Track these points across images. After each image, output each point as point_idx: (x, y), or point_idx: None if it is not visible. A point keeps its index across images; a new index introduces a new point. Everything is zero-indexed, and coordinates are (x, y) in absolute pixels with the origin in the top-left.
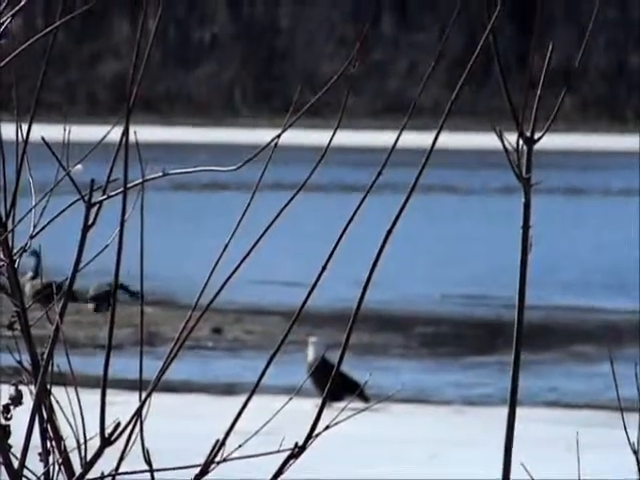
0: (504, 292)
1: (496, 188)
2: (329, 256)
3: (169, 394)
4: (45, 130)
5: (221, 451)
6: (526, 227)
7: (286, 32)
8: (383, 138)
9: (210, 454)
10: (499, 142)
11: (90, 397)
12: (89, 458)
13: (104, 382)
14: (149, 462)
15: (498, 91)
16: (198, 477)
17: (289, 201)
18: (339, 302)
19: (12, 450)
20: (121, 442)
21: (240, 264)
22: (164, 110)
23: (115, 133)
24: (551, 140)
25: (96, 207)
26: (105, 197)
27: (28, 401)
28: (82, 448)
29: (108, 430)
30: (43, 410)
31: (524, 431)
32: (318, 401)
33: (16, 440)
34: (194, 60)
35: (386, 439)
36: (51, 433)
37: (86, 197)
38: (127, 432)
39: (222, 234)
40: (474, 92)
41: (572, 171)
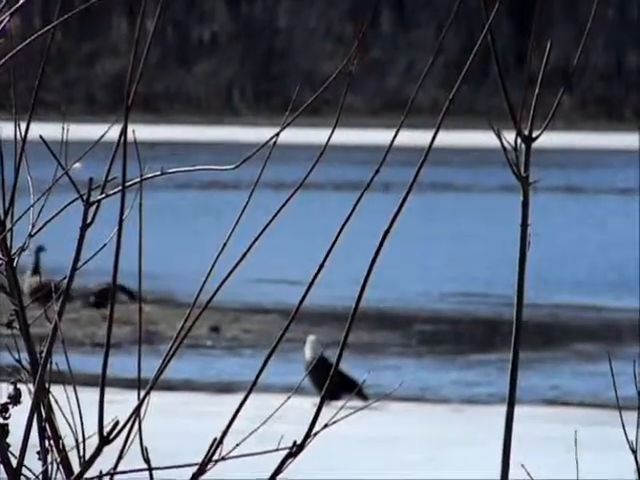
0: (503, 290)
1: (495, 186)
2: (327, 254)
3: (167, 393)
4: (43, 129)
5: (219, 450)
6: (524, 225)
7: (285, 31)
8: (381, 136)
9: (208, 453)
10: (497, 140)
11: (88, 396)
12: (88, 457)
13: (102, 381)
14: (147, 461)
15: (496, 90)
16: (196, 476)
17: (287, 199)
18: (337, 300)
19: (10, 449)
20: (119, 441)
21: (238, 263)
22: (163, 109)
23: (114, 132)
24: (549, 139)
25: (95, 206)
26: (104, 196)
27: (27, 400)
28: (81, 447)
29: (106, 429)
30: (42, 409)
31: (523, 430)
32: (316, 400)
33: (14, 439)
34: (193, 59)
35: (385, 438)
36: (50, 432)
37: (85, 196)
38: (125, 431)
39: (221, 233)
40: (472, 91)
41: (570, 170)
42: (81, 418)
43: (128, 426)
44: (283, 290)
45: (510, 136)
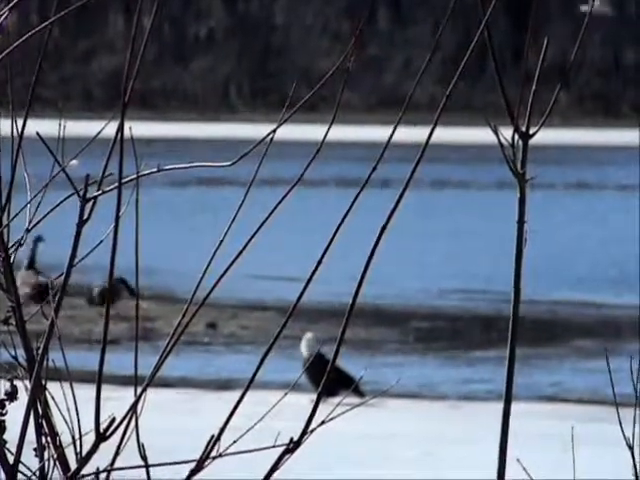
0: (501, 287)
1: (492, 183)
2: (324, 251)
3: (164, 389)
4: (40, 125)
5: (216, 446)
6: (521, 222)
7: (281, 27)
8: (378, 133)
9: (205, 449)
10: (495, 137)
11: (85, 392)
12: (84, 453)
13: (99, 377)
14: (144, 457)
15: (493, 86)
16: (193, 472)
17: (284, 196)
18: (335, 297)
19: (7, 445)
20: (116, 437)
21: (235, 259)
22: (160, 105)
23: (110, 128)
24: (546, 135)
25: (91, 202)
26: (100, 192)
27: (23, 396)
28: (77, 443)
29: (103, 425)
30: (38, 405)
31: (520, 426)
32: (313, 396)
33: (11, 436)
34: (190, 55)
35: (382, 434)
36: (46, 428)
37: (81, 192)
38: (122, 427)
39: (218, 229)
40: (469, 87)
41: (567, 166)
42: (78, 415)
43: (125, 423)
44: (280, 287)
45: (507, 132)
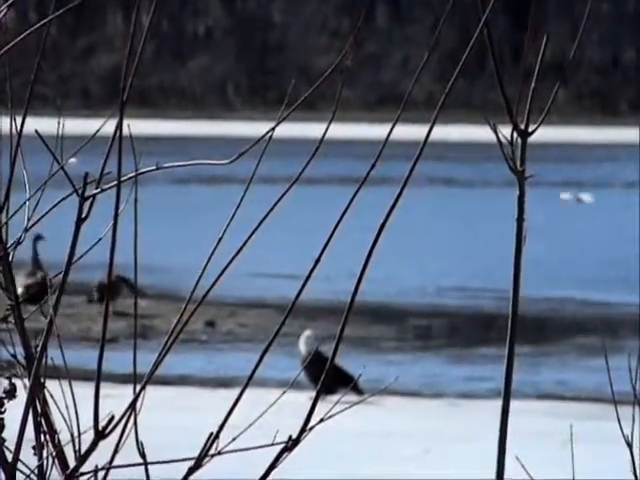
0: (500, 284)
1: (490, 181)
2: (323, 249)
3: (163, 387)
4: (39, 123)
5: (215, 444)
6: (520, 220)
7: (280, 25)
8: (376, 131)
9: (204, 447)
10: (494, 135)
11: (84, 390)
12: (83, 451)
13: (98, 375)
14: (143, 455)
15: (492, 84)
16: (192, 470)
17: (283, 194)
18: (334, 294)
19: (6, 444)
20: (115, 435)
21: (234, 257)
22: (158, 103)
23: (109, 126)
24: (545, 133)
25: (90, 200)
26: (99, 190)
27: (22, 394)
28: (76, 441)
29: (102, 423)
30: (37, 403)
31: (519, 424)
32: (312, 394)
33: (10, 434)
34: (188, 53)
35: (380, 432)
36: (45, 426)
37: (80, 190)
38: (121, 425)
39: (217, 228)
40: (468, 85)
41: (566, 164)
42: (76, 413)
43: (124, 421)
44: (279, 284)
45: (506, 130)
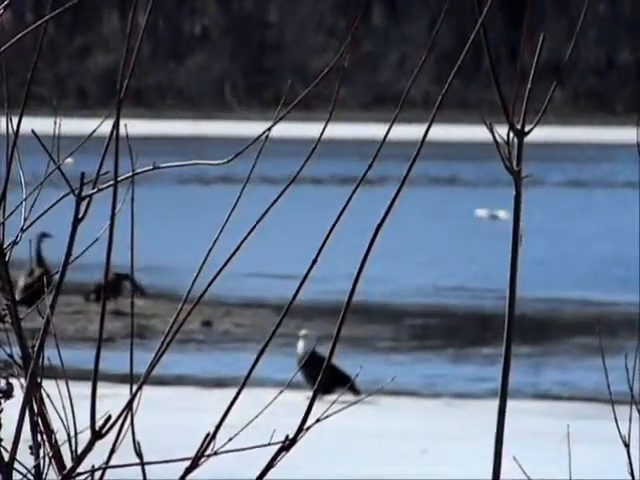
0: (497, 284)
1: (486, 180)
2: (320, 249)
3: (160, 387)
4: (35, 123)
5: (212, 444)
6: (517, 219)
7: (276, 25)
8: (373, 130)
9: (201, 447)
10: (490, 134)
11: (81, 390)
12: (80, 451)
13: (95, 375)
14: (140, 455)
15: (488, 83)
16: (189, 470)
17: (280, 194)
18: (330, 295)
19: (2, 443)
20: (112, 435)
21: (230, 257)
22: (155, 103)
23: (105, 126)
24: (540, 133)
25: (87, 201)
26: (95, 190)
27: (19, 394)
28: (73, 441)
29: (99, 423)
30: (34, 403)
31: (517, 424)
32: (309, 394)
33: (6, 433)
34: (184, 53)
35: (377, 432)
36: (42, 426)
37: (76, 190)
38: (118, 425)
39: (214, 228)
40: (465, 84)
41: (563, 163)
42: (73, 412)
43: (120, 420)
44: (275, 284)
45: (503, 130)
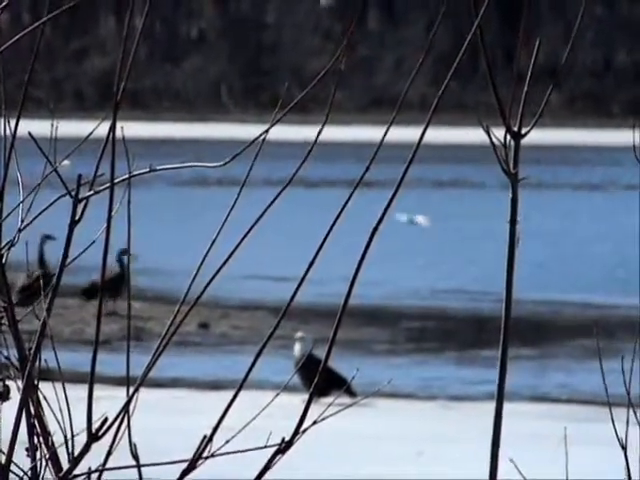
0: (493, 287)
1: (483, 183)
2: (317, 251)
3: (156, 389)
4: (32, 125)
5: (208, 446)
6: (513, 222)
7: (273, 27)
8: (369, 133)
9: (197, 449)
10: (487, 137)
11: (77, 393)
12: (76, 453)
13: (91, 377)
14: (136, 457)
15: (485, 86)
16: (185, 472)
17: (277, 196)
18: (327, 297)
19: None
20: (108, 438)
21: (227, 260)
22: (151, 105)
23: (102, 128)
24: (538, 135)
25: (83, 203)
26: (92, 193)
27: (15, 396)
28: (69, 443)
29: (95, 425)
30: (30, 405)
31: (514, 426)
32: (305, 396)
33: (3, 435)
34: (181, 55)
35: (373, 434)
36: (38, 428)
37: (73, 192)
38: (114, 427)
39: (212, 230)
40: (461, 87)
41: (559, 166)
42: (70, 415)
43: (117, 423)
44: (272, 287)
45: (499, 133)
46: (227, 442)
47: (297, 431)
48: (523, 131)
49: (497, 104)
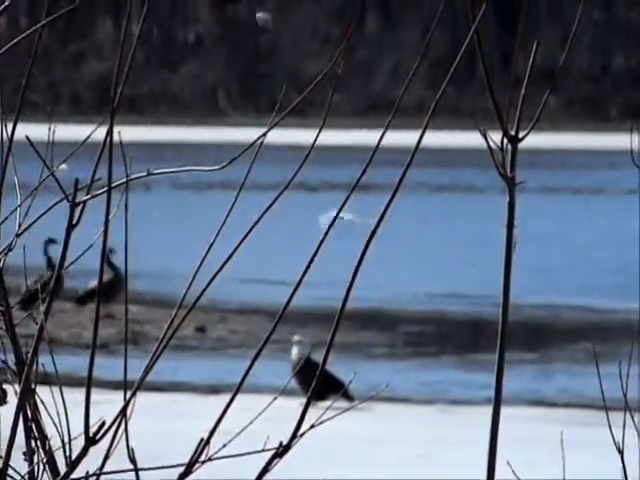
0: (491, 291)
1: (481, 187)
2: (313, 255)
3: (154, 393)
4: (29, 129)
5: (206, 450)
6: (510, 226)
7: (270, 31)
8: (367, 137)
9: (195, 453)
10: (484, 141)
11: (75, 396)
12: (74, 457)
13: (89, 381)
14: (134, 461)
15: (482, 90)
16: (183, 476)
17: (274, 200)
18: (324, 301)
19: None
20: (106, 441)
21: (225, 264)
22: (148, 110)
23: (99, 132)
24: (535, 139)
25: (80, 207)
26: (89, 197)
27: (13, 400)
28: (67, 447)
29: (93, 429)
30: (28, 409)
31: (512, 430)
32: (303, 400)
33: (0, 439)
34: (178, 60)
35: (371, 439)
36: (36, 432)
37: (70, 197)
38: (112, 431)
39: (209, 234)
40: (458, 91)
41: (556, 170)
42: (67, 419)
43: (114, 427)
44: (269, 290)
45: (496, 137)
46: (224, 446)
47: (295, 435)
48: (520, 135)
49: (494, 108)
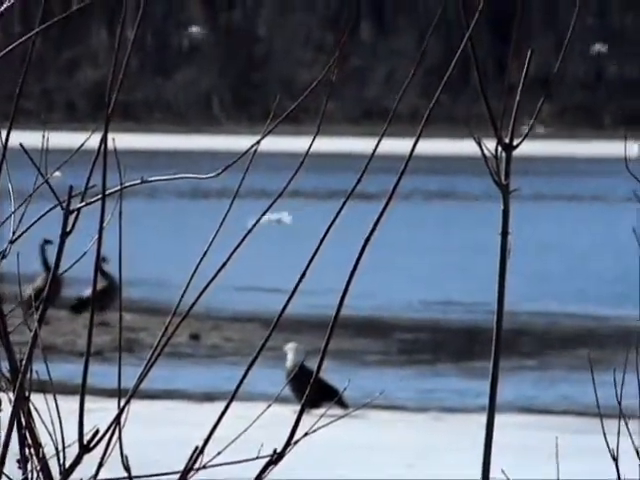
0: (484, 298)
1: (475, 195)
2: (308, 263)
3: (148, 401)
4: (23, 136)
5: (200, 458)
6: (505, 233)
7: (264, 39)
8: (361, 145)
9: (189, 461)
10: (478, 149)
11: (69, 404)
12: (68, 465)
13: (83, 389)
14: (128, 469)
15: (476, 98)
16: None
17: (268, 207)
18: (318, 308)
19: None
20: (100, 449)
21: (219, 271)
22: (143, 117)
23: (93, 140)
24: (529, 147)
25: (74, 214)
26: (84, 204)
27: (7, 408)
28: (61, 455)
29: (87, 437)
30: (22, 417)
31: (506, 438)
32: (297, 408)
33: None
34: (172, 67)
35: (365, 446)
36: (30, 440)
37: (64, 204)
38: (106, 439)
39: (203, 241)
40: (452, 99)
41: (549, 177)
42: (61, 426)
43: (108, 434)
44: (263, 298)
45: (491, 144)
46: (219, 453)
47: (289, 442)
48: (515, 142)
49: (488, 115)
